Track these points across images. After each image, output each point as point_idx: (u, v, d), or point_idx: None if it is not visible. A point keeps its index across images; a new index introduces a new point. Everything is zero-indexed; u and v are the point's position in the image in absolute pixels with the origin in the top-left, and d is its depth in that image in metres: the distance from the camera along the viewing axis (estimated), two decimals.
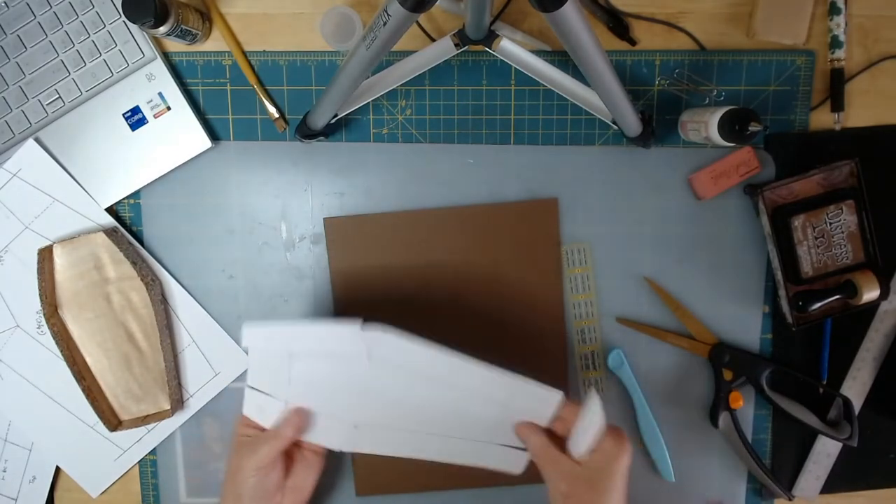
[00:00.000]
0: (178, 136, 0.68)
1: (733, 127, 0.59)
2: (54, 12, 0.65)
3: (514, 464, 0.61)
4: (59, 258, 0.68)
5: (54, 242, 0.68)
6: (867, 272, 0.65)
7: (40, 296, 0.67)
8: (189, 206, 0.70)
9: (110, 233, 0.68)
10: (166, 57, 0.68)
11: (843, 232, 0.65)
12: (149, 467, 0.72)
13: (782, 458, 0.71)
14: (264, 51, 0.69)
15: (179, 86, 0.68)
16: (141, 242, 0.70)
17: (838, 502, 0.72)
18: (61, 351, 0.68)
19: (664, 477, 0.70)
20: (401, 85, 0.66)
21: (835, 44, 0.66)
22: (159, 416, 0.70)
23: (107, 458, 0.72)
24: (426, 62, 0.65)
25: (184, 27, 0.62)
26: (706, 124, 0.61)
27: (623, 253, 0.70)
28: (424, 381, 0.58)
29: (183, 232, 0.71)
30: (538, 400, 0.58)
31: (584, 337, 0.70)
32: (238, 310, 0.71)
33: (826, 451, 0.70)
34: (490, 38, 0.65)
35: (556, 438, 0.58)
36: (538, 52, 0.66)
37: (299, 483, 0.63)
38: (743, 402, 0.68)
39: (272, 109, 0.69)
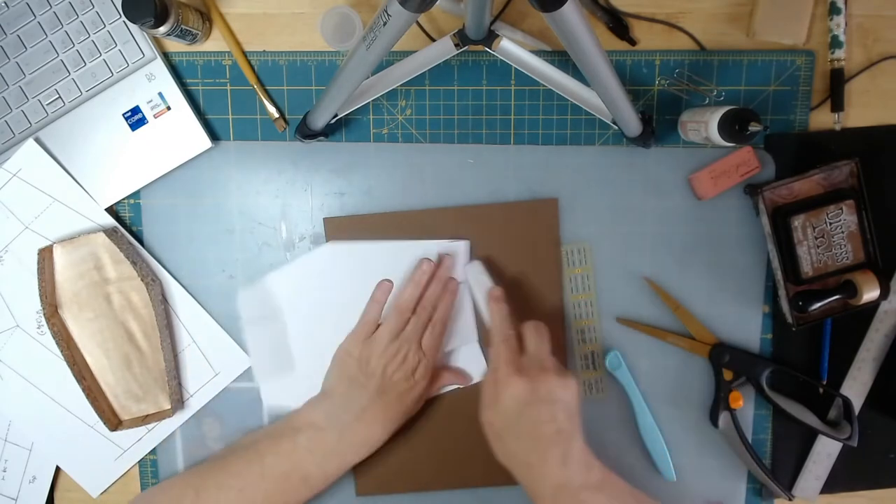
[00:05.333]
0: (178, 136, 0.68)
1: (733, 127, 0.59)
2: (54, 12, 0.65)
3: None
4: (59, 258, 0.68)
5: (54, 242, 0.68)
6: (867, 272, 0.65)
7: (40, 296, 0.67)
8: (189, 206, 0.70)
9: (110, 233, 0.68)
10: (166, 57, 0.68)
11: (843, 232, 0.65)
12: (149, 467, 0.72)
13: (782, 458, 0.71)
14: (264, 51, 0.69)
15: (179, 86, 0.68)
16: (141, 242, 0.70)
17: (838, 502, 0.72)
18: (61, 351, 0.68)
19: (665, 476, 0.70)
20: (401, 85, 0.66)
21: (835, 44, 0.66)
22: (159, 416, 0.70)
23: (107, 458, 0.72)
24: (426, 62, 0.65)
25: (184, 27, 0.62)
26: (706, 124, 0.61)
27: (623, 253, 0.70)
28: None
29: (183, 232, 0.70)
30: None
31: (584, 337, 0.70)
32: (238, 310, 0.71)
33: (826, 451, 0.70)
34: (490, 38, 0.65)
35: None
36: (538, 52, 0.66)
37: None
38: (743, 402, 0.68)
39: (272, 109, 0.69)
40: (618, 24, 0.67)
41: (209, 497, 0.64)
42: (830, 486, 0.70)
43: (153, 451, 0.72)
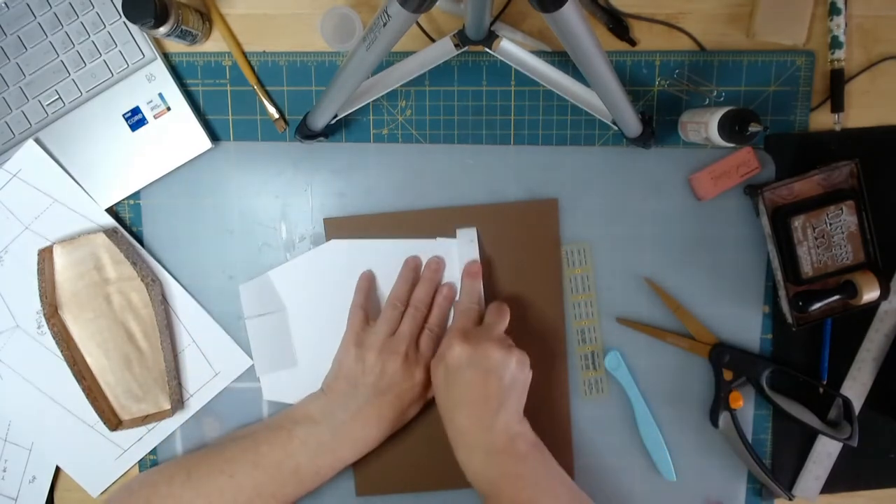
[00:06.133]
0: (178, 136, 0.68)
1: (733, 127, 0.59)
2: (54, 13, 0.65)
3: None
4: (59, 258, 0.68)
5: (54, 243, 0.68)
6: (867, 272, 0.65)
7: (40, 296, 0.67)
8: (189, 207, 0.70)
9: (110, 233, 0.68)
10: (166, 57, 0.68)
11: (843, 232, 0.65)
12: (149, 467, 0.72)
13: (782, 458, 0.71)
14: (264, 51, 0.69)
15: (179, 86, 0.68)
16: (141, 242, 0.70)
17: (838, 502, 0.72)
18: (61, 351, 0.68)
19: (665, 476, 0.70)
20: (401, 85, 0.66)
21: (835, 44, 0.66)
22: (159, 416, 0.70)
23: (107, 457, 0.72)
24: (426, 63, 0.65)
25: (184, 28, 0.62)
26: (706, 125, 0.61)
27: (623, 253, 0.70)
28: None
29: (183, 232, 0.71)
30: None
31: (584, 337, 0.70)
32: (238, 310, 0.71)
33: (826, 451, 0.70)
34: (490, 38, 0.65)
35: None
36: (538, 53, 0.66)
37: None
38: (743, 402, 0.68)
39: (272, 110, 0.69)
40: (618, 25, 0.67)
41: (200, 479, 0.64)
42: (830, 486, 0.70)
43: (153, 451, 0.72)
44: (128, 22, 0.62)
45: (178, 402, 0.70)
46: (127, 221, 0.70)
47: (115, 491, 0.67)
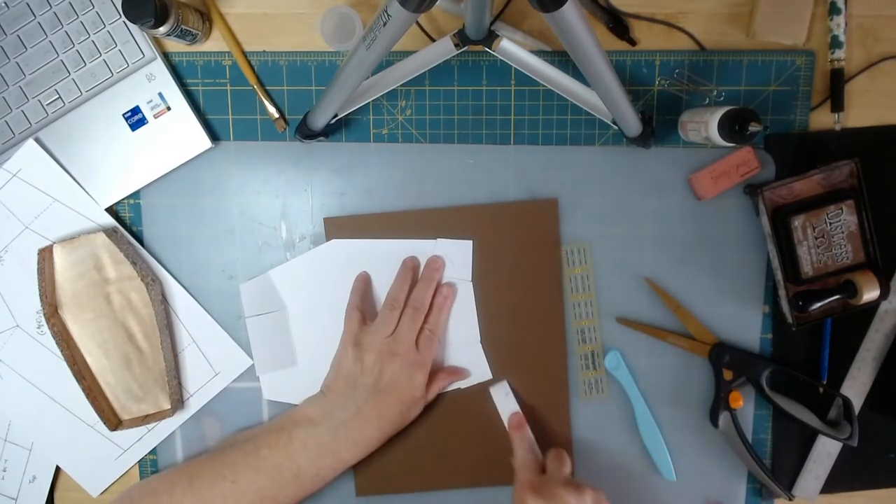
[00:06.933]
0: (178, 136, 0.68)
1: (733, 127, 0.59)
2: (54, 12, 0.65)
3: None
4: (59, 258, 0.68)
5: (54, 242, 0.68)
6: (867, 272, 0.65)
7: (40, 296, 0.67)
8: (189, 206, 0.70)
9: (110, 233, 0.68)
10: (166, 57, 0.68)
11: (843, 232, 0.65)
12: (149, 467, 0.72)
13: (782, 458, 0.71)
14: (264, 51, 0.69)
15: (179, 86, 0.68)
16: (141, 242, 0.70)
17: (838, 502, 0.72)
18: (61, 351, 0.68)
19: (665, 476, 0.70)
20: (401, 85, 0.66)
21: (835, 44, 0.66)
22: (159, 416, 0.70)
23: (107, 457, 0.72)
24: (426, 62, 0.65)
25: (184, 27, 0.62)
26: (706, 124, 0.61)
27: (623, 253, 0.70)
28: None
29: (183, 232, 0.71)
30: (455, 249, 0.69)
31: (584, 337, 0.70)
32: (238, 310, 0.71)
33: (826, 451, 0.70)
34: (490, 38, 0.65)
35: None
36: (538, 52, 0.66)
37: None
38: (743, 402, 0.68)
39: (272, 109, 0.69)
40: (618, 25, 0.67)
41: (202, 485, 0.64)
42: (830, 486, 0.70)
43: (153, 451, 0.72)
44: (128, 21, 0.62)
45: (178, 402, 0.70)
46: (127, 221, 0.70)
47: (115, 498, 0.67)
